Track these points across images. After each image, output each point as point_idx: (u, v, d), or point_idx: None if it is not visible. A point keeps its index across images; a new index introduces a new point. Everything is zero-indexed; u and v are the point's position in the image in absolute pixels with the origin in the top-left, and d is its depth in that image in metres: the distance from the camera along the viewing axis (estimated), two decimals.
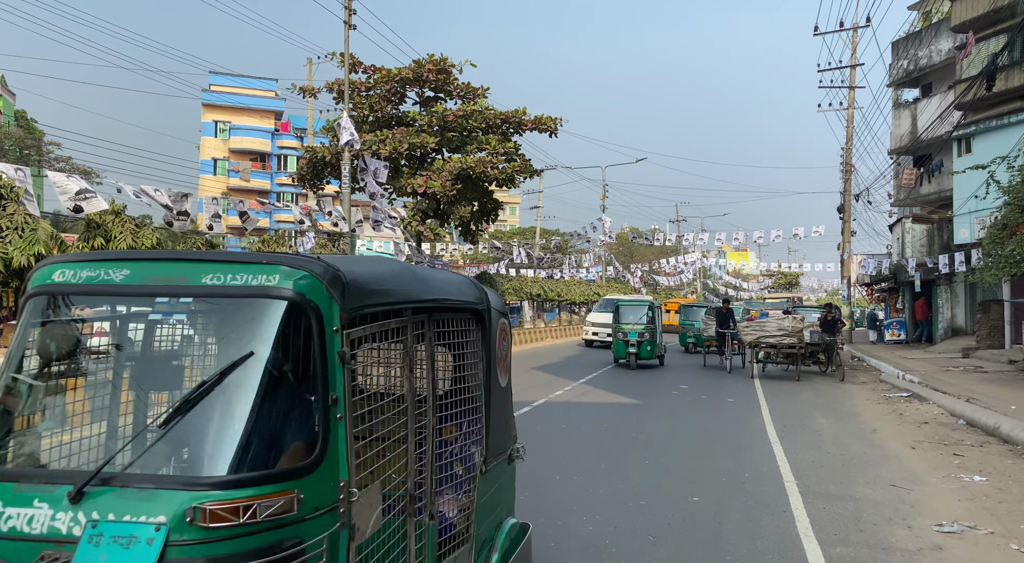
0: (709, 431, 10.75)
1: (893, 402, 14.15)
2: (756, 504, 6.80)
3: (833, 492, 7.26)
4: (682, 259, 57.67)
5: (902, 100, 32.35)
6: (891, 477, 7.94)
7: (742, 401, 14.16)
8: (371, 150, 19.56)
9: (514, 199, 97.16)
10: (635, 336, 18.74)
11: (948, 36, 28.44)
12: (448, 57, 20.87)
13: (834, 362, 18.80)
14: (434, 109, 21.13)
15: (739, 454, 9.07)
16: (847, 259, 34.21)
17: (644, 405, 13.21)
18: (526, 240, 64.54)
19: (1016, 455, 9.10)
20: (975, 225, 23.88)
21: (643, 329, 18.84)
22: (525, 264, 46.26)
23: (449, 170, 20.36)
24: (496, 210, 23.84)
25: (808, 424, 11.44)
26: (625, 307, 19.65)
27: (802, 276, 78.53)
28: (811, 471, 8.15)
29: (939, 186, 29.04)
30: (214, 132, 58.23)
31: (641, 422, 11.32)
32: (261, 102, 58.03)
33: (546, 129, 22.19)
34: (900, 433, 10.72)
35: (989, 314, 24.33)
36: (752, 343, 18.21)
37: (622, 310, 19.40)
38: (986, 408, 11.72)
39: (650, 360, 19.43)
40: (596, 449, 9.15)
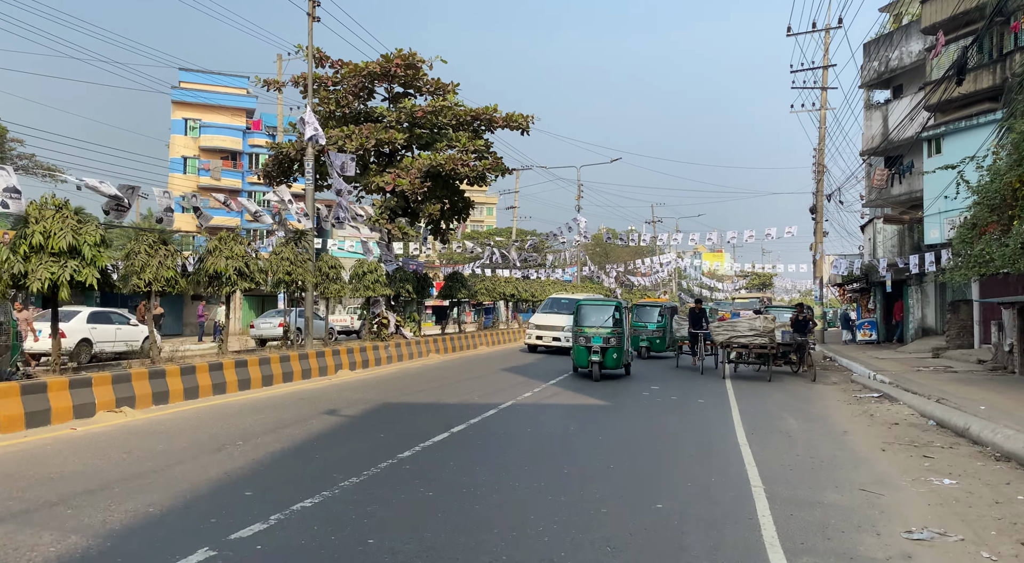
0: (677, 434, 10.50)
1: (864, 403, 14.04)
2: (721, 511, 6.54)
3: (801, 497, 7.02)
4: (657, 260, 57.83)
5: (874, 101, 32.55)
6: (861, 481, 7.72)
7: (713, 402, 13.95)
8: (337, 146, 19.09)
9: (491, 199, 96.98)
10: (599, 341, 16.29)
11: (919, 38, 28.63)
12: (417, 52, 20.48)
13: (806, 362, 18.72)
14: (402, 105, 20.70)
15: (707, 458, 8.82)
16: (819, 260, 34.35)
17: (613, 407, 12.94)
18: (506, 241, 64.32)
19: (985, 457, 8.95)
20: (945, 225, 24.01)
21: (608, 333, 16.40)
22: (500, 264, 45.97)
23: (418, 167, 19.94)
24: (467, 209, 23.48)
25: (778, 426, 11.24)
26: (588, 308, 17.14)
27: (776, 277, 79.16)
28: (779, 475, 7.91)
29: (910, 187, 29.23)
30: (184, 130, 57.24)
31: (609, 425, 11.04)
32: (232, 100, 57.13)
33: (518, 127, 21.87)
34: (870, 435, 10.56)
35: (959, 314, 24.48)
36: (724, 343, 18.06)
37: (584, 311, 16.95)
38: (956, 409, 11.61)
39: (615, 370, 17.14)
40: (561, 453, 8.85)
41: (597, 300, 18.83)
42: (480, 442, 9.32)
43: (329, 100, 20.89)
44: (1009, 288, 20.20)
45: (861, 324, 33.08)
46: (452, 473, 7.59)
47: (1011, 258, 13.94)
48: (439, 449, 8.80)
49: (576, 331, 16.85)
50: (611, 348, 16.45)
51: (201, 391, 12.07)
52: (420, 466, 7.89)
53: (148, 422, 10.08)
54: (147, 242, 12.30)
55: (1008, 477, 7.91)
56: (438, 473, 7.58)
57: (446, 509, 6.32)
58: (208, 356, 14.54)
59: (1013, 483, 7.64)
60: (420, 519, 6.01)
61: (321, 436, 9.46)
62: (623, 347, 16.86)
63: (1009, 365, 17.78)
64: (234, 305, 36.90)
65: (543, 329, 24.71)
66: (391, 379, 16.15)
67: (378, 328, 20.61)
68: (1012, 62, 22.70)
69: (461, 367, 19.47)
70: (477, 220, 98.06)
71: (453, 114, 21.07)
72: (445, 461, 8.15)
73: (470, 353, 25.03)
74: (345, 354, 17.04)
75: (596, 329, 16.49)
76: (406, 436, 9.51)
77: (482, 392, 14.25)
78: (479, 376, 17.40)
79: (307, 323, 17.59)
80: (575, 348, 16.93)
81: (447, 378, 16.78)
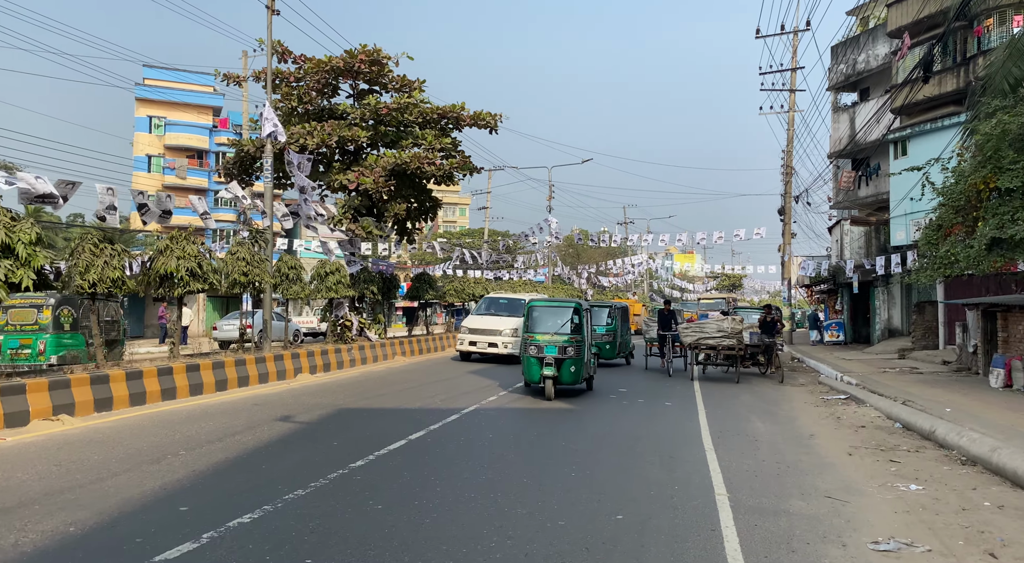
0: (642, 438, 10.25)
1: (831, 405, 13.94)
2: (684, 521, 6.27)
3: (766, 506, 6.79)
4: (629, 261, 57.91)
5: (841, 104, 32.81)
6: (827, 487, 7.52)
7: (680, 405, 13.76)
8: (298, 144, 18.59)
9: (464, 200, 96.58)
10: (553, 352, 13.33)
11: (885, 41, 28.88)
12: (382, 48, 20.03)
13: (773, 363, 18.66)
14: (367, 102, 20.24)
15: (671, 463, 8.57)
16: (788, 261, 34.53)
17: (579, 411, 12.67)
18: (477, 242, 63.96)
19: (951, 460, 8.83)
20: (911, 227, 24.19)
21: (565, 342, 13.42)
22: (471, 265, 45.57)
23: (383, 165, 19.48)
24: (435, 208, 23.06)
25: (745, 429, 11.05)
26: (541, 310, 14.20)
27: (745, 278, 79.84)
28: (744, 482, 7.68)
29: (876, 189, 29.47)
30: (148, 128, 56.06)
31: (573, 429, 10.76)
32: (198, 97, 56.04)
33: (486, 125, 21.53)
34: (837, 438, 10.41)
35: (924, 315, 24.68)
36: (692, 345, 17.93)
37: (536, 315, 14.04)
38: (922, 411, 11.53)
39: (574, 385, 14.21)
40: (521, 461, 8.54)
41: (552, 301, 15.23)
42: (438, 450, 8.97)
43: (291, 96, 20.36)
44: (973, 289, 20.35)
45: (828, 325, 33.30)
46: (405, 485, 7.23)
47: (975, 259, 13.95)
48: (394, 458, 8.43)
49: (526, 339, 13.76)
50: (569, 360, 13.45)
51: (148, 397, 11.54)
52: (372, 477, 7.52)
53: (86, 431, 9.56)
54: (92, 241, 11.74)
55: (974, 482, 7.77)
56: (390, 484, 7.22)
57: (395, 524, 5.97)
58: (158, 360, 13.96)
59: (979, 488, 7.50)
60: (365, 536, 5.65)
61: (271, 444, 9.04)
62: (583, 358, 13.86)
63: (973, 366, 17.88)
64: (197, 307, 36.05)
65: (477, 333, 21.44)
66: (352, 383, 15.71)
67: (341, 330, 20.12)
68: (975, 66, 22.92)
69: (427, 370, 19.07)
70: (450, 221, 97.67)
71: (419, 112, 20.66)
72: (399, 471, 7.79)
73: (437, 355, 24.61)
74: (305, 357, 16.55)
75: (550, 336, 13.51)
76: (361, 444, 9.12)
77: (445, 396, 13.89)
78: (444, 379, 17.03)
79: (265, 325, 17.06)
80: (524, 360, 13.85)
81: (411, 381, 16.39)
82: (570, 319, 13.92)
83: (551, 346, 13.47)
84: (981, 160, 14.49)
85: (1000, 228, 13.48)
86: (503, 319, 21.57)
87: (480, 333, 21.36)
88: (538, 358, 13.58)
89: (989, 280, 18.48)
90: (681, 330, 18.63)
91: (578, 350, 13.63)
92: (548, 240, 44.51)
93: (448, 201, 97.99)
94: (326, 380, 16.06)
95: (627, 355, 22.39)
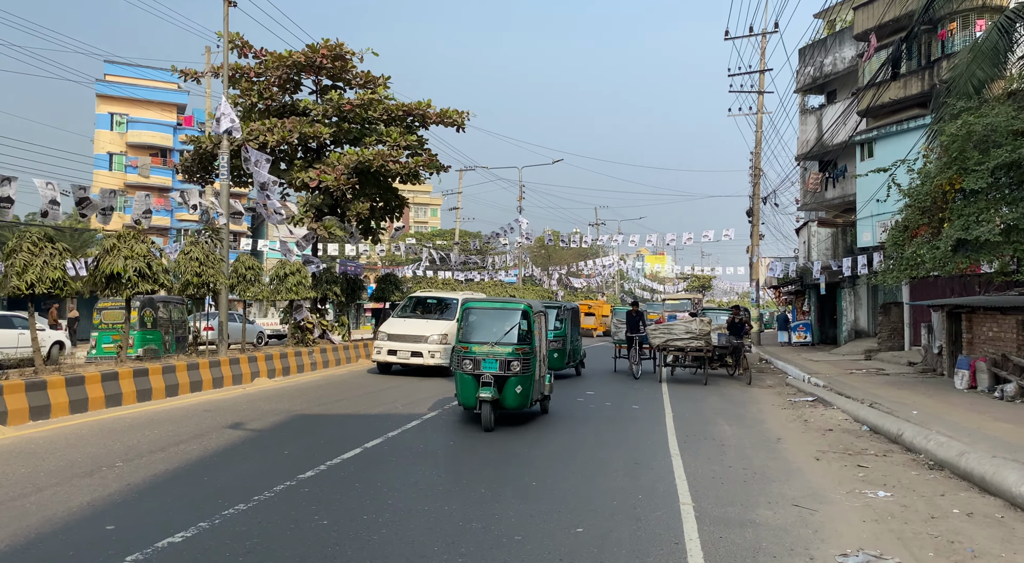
0: (608, 444, 9.96)
1: (798, 407, 13.82)
2: (646, 534, 5.98)
3: (732, 516, 6.53)
4: (600, 262, 57.88)
5: (808, 106, 33.02)
6: (794, 495, 7.30)
7: (647, 408, 13.53)
8: (258, 140, 18.03)
9: (435, 200, 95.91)
10: (493, 367, 10.47)
11: (851, 44, 29.10)
12: (345, 43, 19.53)
13: (742, 365, 18.56)
14: (329, 97, 19.71)
15: (636, 470, 8.29)
16: (756, 262, 34.65)
17: (544, 416, 12.36)
18: (448, 243, 63.49)
19: (919, 465, 8.68)
20: (877, 228, 24.33)
21: (510, 354, 10.55)
22: (440, 266, 45.08)
23: (345, 163, 18.98)
24: (400, 207, 22.57)
25: (712, 433, 10.84)
26: (479, 314, 11.21)
27: (715, 279, 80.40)
28: (710, 490, 7.43)
29: (843, 191, 29.67)
30: (110, 125, 54.74)
31: (536, 434, 10.45)
32: (162, 94, 54.84)
33: (452, 123, 21.14)
34: (804, 442, 10.24)
35: (890, 316, 24.84)
36: (660, 346, 17.76)
37: (474, 319, 11.14)
38: (888, 414, 11.42)
39: (521, 408, 11.05)
40: (480, 470, 8.19)
41: (494, 302, 11.92)
42: (394, 459, 8.58)
43: (252, 92, 19.76)
44: (938, 291, 20.48)
45: (796, 326, 33.47)
46: (356, 497, 6.84)
47: (941, 260, 13.93)
48: (347, 468, 8.03)
49: (460, 350, 10.90)
50: (514, 378, 10.54)
51: (91, 404, 10.96)
52: (321, 489, 7.11)
53: (17, 441, 8.99)
54: (31, 240, 11.13)
55: (943, 488, 7.60)
56: (340, 497, 6.83)
57: (340, 541, 5.58)
58: (104, 364, 13.34)
59: (947, 494, 7.33)
60: (305, 556, 5.25)
61: (217, 454, 8.57)
62: (534, 374, 10.95)
63: (938, 367, 17.95)
64: None
65: (398, 340, 17.56)
66: (311, 387, 15.22)
67: (302, 333, 19.56)
68: (940, 69, 23.13)
69: (392, 373, 18.58)
70: (421, 222, 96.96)
71: (384, 108, 20.19)
72: (351, 482, 7.39)
73: None
74: (263, 361, 16.00)
75: (490, 348, 10.63)
76: (314, 453, 8.70)
77: (407, 401, 13.48)
78: (408, 382, 16.60)
79: (221, 327, 16.47)
80: (458, 377, 10.93)
81: (372, 385, 15.93)
82: (516, 325, 10.91)
83: (491, 360, 10.54)
84: (947, 161, 14.49)
85: (965, 229, 13.47)
86: (431, 323, 17.96)
87: (402, 340, 17.53)
88: (474, 375, 10.58)
89: (954, 281, 18.58)
90: (650, 331, 18.46)
91: (526, 365, 10.69)
92: (519, 241, 44.27)
93: (419, 202, 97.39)
94: (284, 384, 15.54)
95: (578, 364, 19.45)
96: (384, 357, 17.77)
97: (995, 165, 13.24)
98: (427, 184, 77.78)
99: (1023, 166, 13.07)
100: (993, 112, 13.62)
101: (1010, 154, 12.94)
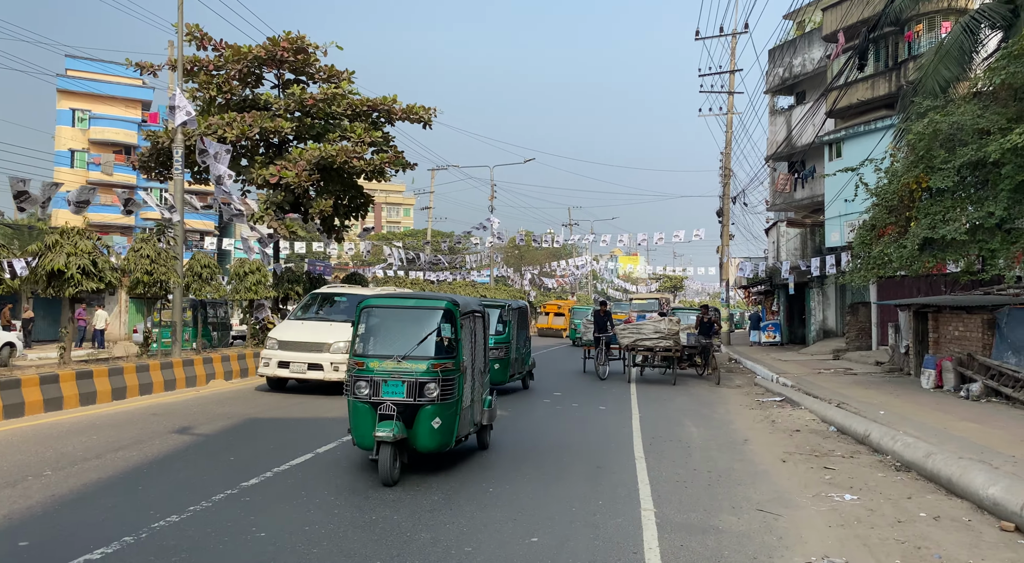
0: (571, 446, 9.68)
1: (766, 407, 13.66)
2: (604, 543, 5.68)
3: (694, 522, 6.26)
4: (573, 262, 57.77)
5: (778, 107, 33.14)
6: (759, 498, 7.06)
7: (614, 409, 13.28)
8: (216, 134, 17.45)
9: (408, 200, 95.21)
10: (400, 392, 7.51)
11: (820, 45, 29.21)
12: (306, 35, 19.03)
13: (711, 365, 18.42)
14: (291, 92, 19.18)
15: (598, 474, 8.00)
16: (726, 262, 34.70)
17: (508, 417, 12.03)
18: (417, 243, 62.93)
19: (886, 466, 8.51)
20: (845, 228, 24.42)
21: (424, 374, 7.54)
22: (411, 266, 44.57)
23: (307, 159, 18.47)
24: (366, 206, 22.09)
25: (678, 434, 10.60)
26: (383, 315, 8.13)
27: (686, 279, 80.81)
28: (673, 494, 7.16)
29: (812, 191, 29.78)
30: (72, 121, 53.39)
31: (499, 438, 10.12)
32: (126, 90, 53.57)
33: (419, 119, 20.72)
34: (771, 443, 10.04)
35: (858, 316, 24.95)
36: (629, 346, 17.55)
37: (375, 323, 8.05)
38: (856, 414, 11.29)
39: (443, 447, 7.87)
40: (435, 475, 7.82)
41: (403, 300, 8.50)
42: (347, 464, 8.19)
43: (210, 85, 19.16)
44: (905, 290, 20.56)
45: (765, 326, 33.58)
46: (301, 506, 6.45)
47: (908, 260, 13.88)
48: (295, 475, 7.63)
49: (353, 366, 7.68)
50: (430, 408, 7.51)
51: (28, 408, 10.38)
52: (264, 497, 6.71)
53: None
54: None
55: (909, 490, 7.42)
56: (282, 506, 6.43)
57: (276, 555, 5.20)
58: (45, 366, 12.72)
59: (914, 497, 7.15)
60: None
61: (157, 461, 8.10)
62: (459, 401, 7.81)
63: (905, 367, 17.97)
64: (119, 308, 34.15)
65: (292, 349, 13.82)
66: (269, 390, 14.70)
67: (262, 333, 19.00)
68: (906, 70, 23.26)
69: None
70: (394, 221, 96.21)
71: (348, 103, 19.69)
72: (296, 490, 6.99)
73: None
74: (219, 362, 15.44)
75: (395, 364, 7.55)
76: (262, 458, 8.28)
77: None
78: None
79: (175, 327, 15.89)
80: (351, 406, 7.73)
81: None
82: (436, 331, 7.74)
83: (395, 382, 7.44)
84: (913, 160, 14.47)
85: (932, 228, 13.44)
86: (336, 326, 14.06)
87: (296, 348, 13.79)
88: (370, 404, 7.46)
89: (920, 281, 18.63)
90: (618, 331, 18.23)
91: (448, 387, 7.55)
92: (490, 240, 43.93)
93: (392, 201, 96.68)
94: (240, 387, 15.01)
95: (526, 375, 16.01)
96: (274, 371, 13.75)
97: (961, 164, 13.22)
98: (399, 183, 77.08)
99: (988, 165, 13.06)
100: (959, 111, 13.61)
101: (975, 152, 12.92)
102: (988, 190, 13.52)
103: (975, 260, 13.83)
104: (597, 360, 18.66)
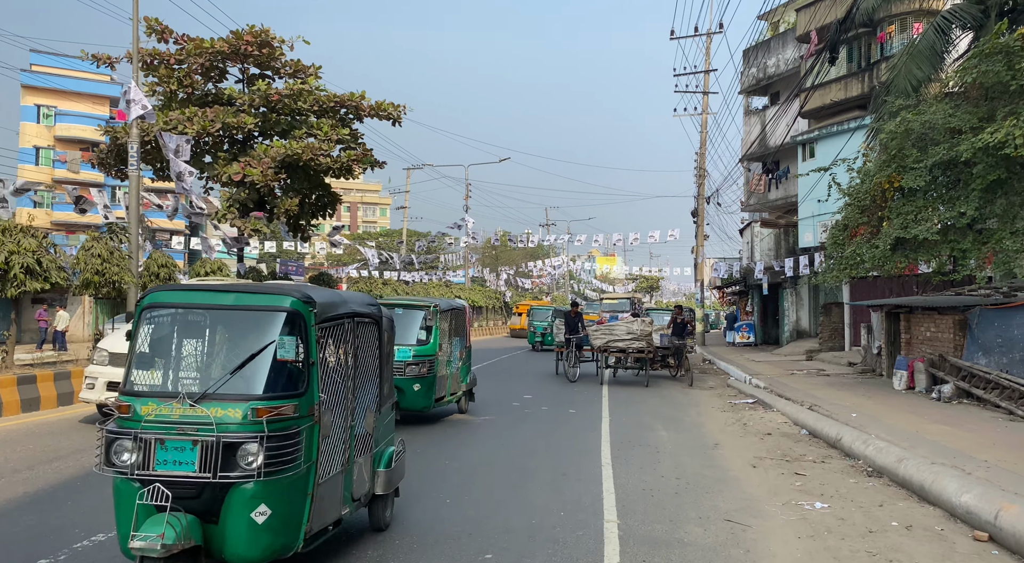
0: (537, 453, 9.34)
1: (738, 410, 13.44)
2: (563, 559, 5.35)
3: (658, 535, 5.95)
4: (549, 262, 57.55)
5: (753, 108, 33.14)
6: (727, 508, 6.77)
7: (584, 412, 12.98)
8: (176, 130, 16.87)
9: (385, 200, 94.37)
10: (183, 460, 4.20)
11: (794, 46, 29.22)
12: (271, 28, 18.51)
13: (684, 366, 18.19)
14: (256, 87, 18.65)
15: (562, 483, 7.68)
16: (701, 263, 34.64)
17: (474, 422, 11.69)
18: (391, 242, 62.29)
19: (858, 472, 8.28)
20: (818, 229, 24.39)
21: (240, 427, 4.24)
22: (385, 266, 44.03)
23: (272, 156, 17.95)
24: (333, 204, 21.59)
25: (647, 439, 10.31)
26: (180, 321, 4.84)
27: (663, 280, 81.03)
28: (638, 504, 6.86)
29: (786, 192, 29.78)
30: (36, 117, 52.07)
31: (463, 442, 9.77)
32: (93, 86, 52.35)
33: (388, 116, 20.27)
34: (742, 447, 9.78)
35: (831, 316, 24.92)
36: (601, 348, 17.28)
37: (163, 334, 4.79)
38: (828, 417, 11.08)
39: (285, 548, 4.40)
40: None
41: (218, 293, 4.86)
42: None
43: (171, 79, 18.56)
44: (877, 291, 20.52)
45: (739, 326, 33.55)
46: None
47: (880, 259, 13.75)
48: None
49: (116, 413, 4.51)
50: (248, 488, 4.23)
51: None
52: None
53: None
54: None
55: (881, 497, 7.19)
56: None
57: None
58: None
59: (886, 505, 6.91)
60: None
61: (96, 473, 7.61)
62: (308, 477, 4.53)
63: (877, 367, 17.89)
64: (82, 308, 33.25)
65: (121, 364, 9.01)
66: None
67: None
68: (879, 70, 23.28)
69: None
70: (370, 221, 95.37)
71: (315, 99, 19.19)
72: None
73: None
74: None
75: (183, 412, 4.32)
76: None
77: None
78: None
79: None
80: (115, 490, 4.38)
81: None
82: (270, 348, 4.55)
83: (179, 443, 4.28)
84: (886, 159, 14.34)
85: (904, 228, 13.30)
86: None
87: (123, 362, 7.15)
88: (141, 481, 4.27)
89: (892, 282, 18.57)
90: (591, 332, 17.95)
91: (287, 450, 4.34)
92: (465, 240, 43.52)
93: (368, 201, 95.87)
94: None
95: (463, 395, 12.59)
96: (99, 395, 9.92)
97: (933, 163, 13.10)
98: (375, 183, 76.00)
99: (960, 164, 12.96)
100: (931, 110, 13.50)
101: (947, 152, 12.80)
102: (960, 190, 13.42)
103: (947, 260, 13.73)
104: (568, 362, 18.33)
